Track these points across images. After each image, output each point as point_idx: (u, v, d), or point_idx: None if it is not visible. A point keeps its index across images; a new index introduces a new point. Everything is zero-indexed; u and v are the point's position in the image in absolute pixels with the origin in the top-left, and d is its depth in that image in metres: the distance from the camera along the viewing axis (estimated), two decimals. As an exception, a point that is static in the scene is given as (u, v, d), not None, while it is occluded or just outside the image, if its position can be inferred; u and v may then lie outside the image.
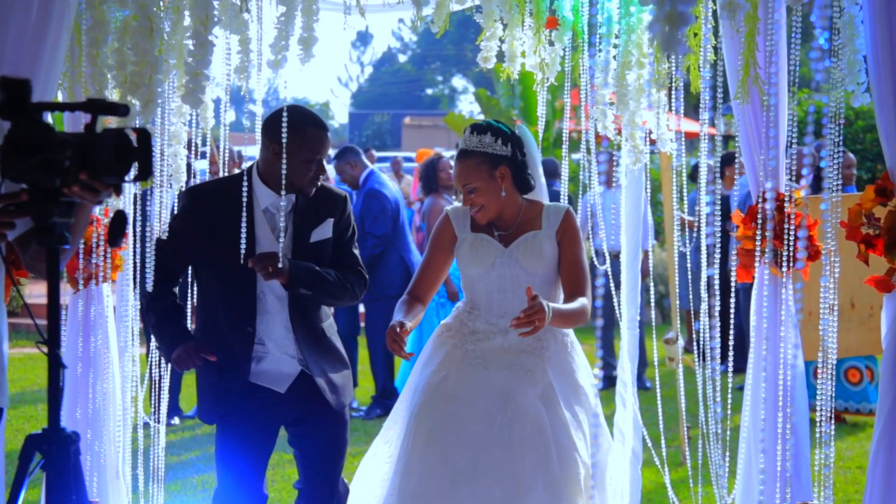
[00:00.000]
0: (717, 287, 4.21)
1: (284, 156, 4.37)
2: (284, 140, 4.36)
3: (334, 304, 4.72)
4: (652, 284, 6.85)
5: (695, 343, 5.10)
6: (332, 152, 10.38)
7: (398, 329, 4.22)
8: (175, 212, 4.63)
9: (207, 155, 5.37)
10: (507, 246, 4.50)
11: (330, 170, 10.29)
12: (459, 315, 4.58)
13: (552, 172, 10.79)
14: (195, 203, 4.55)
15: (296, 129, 4.38)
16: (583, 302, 4.37)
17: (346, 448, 4.73)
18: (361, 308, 10.49)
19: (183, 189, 4.91)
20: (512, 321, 4.09)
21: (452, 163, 9.25)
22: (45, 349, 2.78)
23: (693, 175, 10.84)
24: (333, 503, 4.67)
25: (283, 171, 4.36)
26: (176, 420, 9.07)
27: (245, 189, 4.41)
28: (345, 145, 10.35)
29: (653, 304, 5.55)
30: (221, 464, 4.61)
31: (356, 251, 4.76)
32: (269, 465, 4.78)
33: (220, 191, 4.54)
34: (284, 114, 4.35)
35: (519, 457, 4.20)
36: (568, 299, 4.43)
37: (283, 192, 4.40)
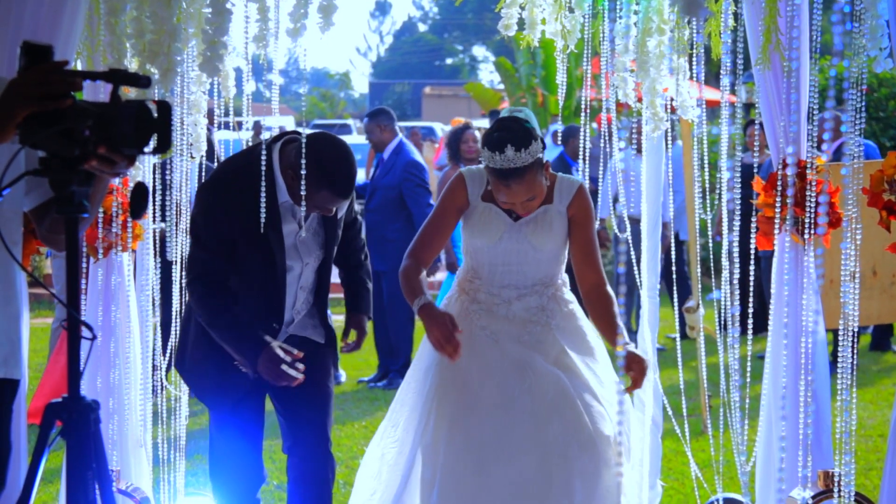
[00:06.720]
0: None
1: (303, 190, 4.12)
2: (303, 180, 4.10)
3: None
4: (673, 253, 6.81)
5: (716, 312, 5.08)
6: (353, 121, 10.30)
7: (452, 328, 4.14)
8: (196, 211, 4.34)
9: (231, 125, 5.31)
10: (517, 220, 4.38)
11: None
12: (462, 285, 4.49)
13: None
14: (217, 201, 4.27)
15: (310, 184, 4.11)
16: (613, 297, 4.37)
17: (332, 401, 4.51)
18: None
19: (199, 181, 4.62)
20: (630, 389, 4.18)
21: (478, 134, 9.21)
22: (79, 324, 2.80)
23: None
24: (329, 460, 4.47)
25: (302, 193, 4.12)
26: None
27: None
28: (379, 107, 10.17)
29: (674, 273, 5.52)
30: (220, 440, 4.47)
31: (363, 234, 4.66)
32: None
33: (239, 182, 4.22)
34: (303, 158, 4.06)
35: (545, 424, 4.17)
36: (588, 281, 4.41)
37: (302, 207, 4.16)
